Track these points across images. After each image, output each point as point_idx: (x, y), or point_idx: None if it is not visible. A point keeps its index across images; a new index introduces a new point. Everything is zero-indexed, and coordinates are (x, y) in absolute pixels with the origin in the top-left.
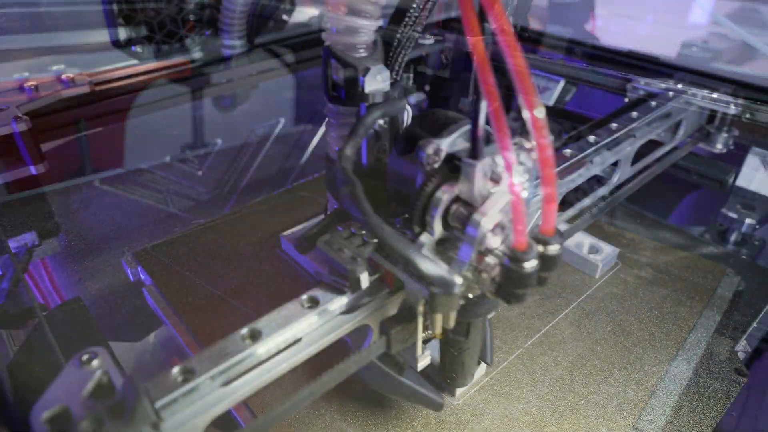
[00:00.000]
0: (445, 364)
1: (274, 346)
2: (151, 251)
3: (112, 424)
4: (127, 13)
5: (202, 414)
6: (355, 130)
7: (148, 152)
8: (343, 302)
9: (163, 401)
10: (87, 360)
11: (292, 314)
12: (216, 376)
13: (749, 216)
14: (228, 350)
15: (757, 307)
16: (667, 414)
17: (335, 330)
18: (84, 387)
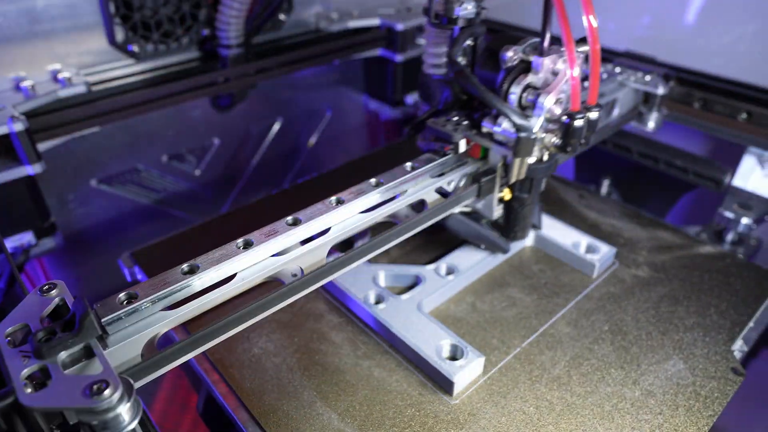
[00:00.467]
0: (508, 221)
1: (209, 278)
2: (148, 251)
3: (63, 335)
4: (125, 13)
5: (143, 331)
6: (456, 42)
7: (145, 152)
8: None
9: (108, 317)
10: (47, 289)
11: (227, 253)
12: (156, 300)
13: (746, 215)
14: (167, 280)
15: (753, 307)
16: (664, 413)
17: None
18: (43, 310)
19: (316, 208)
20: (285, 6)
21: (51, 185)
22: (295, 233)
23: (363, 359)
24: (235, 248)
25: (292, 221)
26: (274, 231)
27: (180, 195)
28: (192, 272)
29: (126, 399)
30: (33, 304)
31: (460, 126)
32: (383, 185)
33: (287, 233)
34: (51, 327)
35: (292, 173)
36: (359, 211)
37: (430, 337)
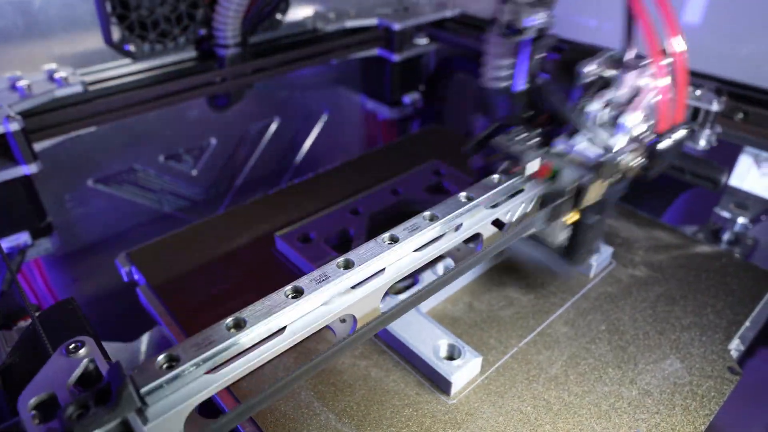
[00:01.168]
0: (574, 245)
1: (257, 335)
2: (144, 251)
3: (97, 410)
4: (121, 12)
5: (186, 400)
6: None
7: (142, 152)
8: (323, 294)
9: (147, 387)
10: (74, 349)
11: (275, 304)
12: (200, 363)
13: (742, 215)
14: (212, 338)
15: (750, 306)
16: (661, 412)
17: (319, 320)
18: (71, 375)
19: (368, 247)
20: (282, 6)
21: (47, 185)
22: (348, 277)
23: (360, 359)
24: (284, 297)
25: (344, 264)
26: (325, 276)
27: (177, 195)
28: (238, 327)
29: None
30: (58, 367)
31: (529, 144)
32: (438, 219)
33: (339, 278)
34: (83, 398)
35: (290, 173)
36: (414, 249)
37: (427, 337)
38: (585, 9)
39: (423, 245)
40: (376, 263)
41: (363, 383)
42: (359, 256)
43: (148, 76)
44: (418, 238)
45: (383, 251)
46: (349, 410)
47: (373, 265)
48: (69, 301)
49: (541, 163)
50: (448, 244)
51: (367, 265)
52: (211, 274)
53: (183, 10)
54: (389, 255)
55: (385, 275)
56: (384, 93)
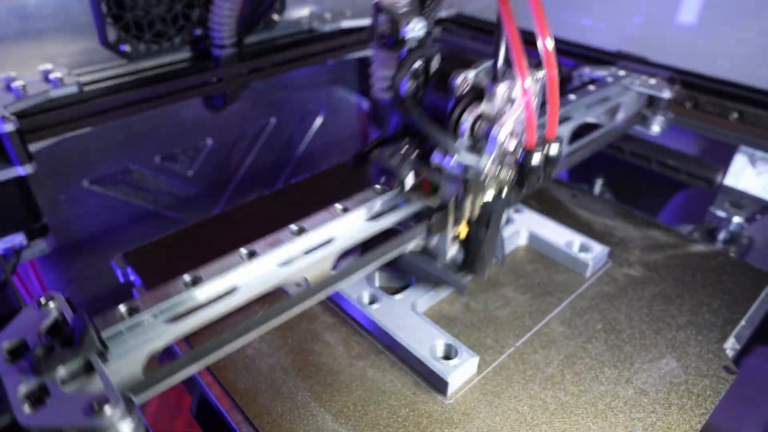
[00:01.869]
0: (467, 258)
1: (213, 291)
2: (141, 252)
3: (62, 351)
4: (116, 13)
5: (145, 346)
6: (401, 67)
7: (137, 152)
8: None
9: (108, 333)
10: (44, 302)
11: (230, 264)
12: (157, 314)
13: (737, 214)
14: (170, 293)
15: (745, 305)
16: (657, 411)
17: (272, 280)
18: (41, 324)
19: (321, 216)
20: (278, 6)
21: (43, 186)
22: (300, 242)
23: (357, 359)
24: (239, 258)
25: (297, 230)
26: (279, 240)
27: (173, 195)
28: (195, 283)
29: (127, 416)
30: (30, 317)
31: (409, 158)
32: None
33: (292, 243)
34: (50, 342)
35: (286, 173)
36: (365, 219)
37: (424, 337)
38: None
39: (374, 215)
40: (327, 230)
41: (360, 383)
42: (312, 224)
43: (144, 77)
44: (368, 207)
45: (334, 219)
46: (346, 411)
47: (325, 232)
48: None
49: (421, 177)
50: (398, 217)
51: (320, 231)
52: None
53: (178, 10)
54: (340, 223)
55: (336, 243)
56: None
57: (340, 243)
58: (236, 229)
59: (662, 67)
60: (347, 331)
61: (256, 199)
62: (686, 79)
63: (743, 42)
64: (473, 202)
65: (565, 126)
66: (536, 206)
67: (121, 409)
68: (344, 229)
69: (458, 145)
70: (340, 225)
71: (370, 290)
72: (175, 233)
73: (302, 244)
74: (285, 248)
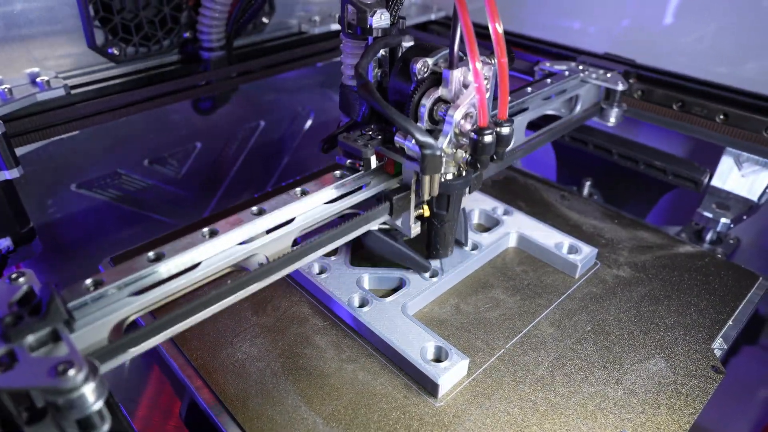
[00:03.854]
0: (430, 239)
1: (174, 266)
2: (129, 256)
3: (30, 319)
4: (104, 15)
5: (109, 315)
6: (365, 54)
7: (126, 155)
8: (239, 234)
9: (74, 303)
10: (15, 277)
11: (193, 242)
12: (122, 286)
13: (724, 215)
14: (135, 267)
15: (732, 305)
16: (646, 412)
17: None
18: (11, 297)
19: (281, 198)
20: (267, 8)
21: (30, 190)
22: (261, 222)
23: (347, 363)
24: (201, 236)
25: (257, 211)
26: (240, 220)
27: (162, 199)
28: (158, 259)
29: (91, 379)
30: (1, 291)
31: (373, 141)
32: (348, 176)
33: (252, 222)
34: (18, 312)
35: (275, 176)
36: (323, 202)
37: (414, 340)
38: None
39: (333, 198)
40: (286, 211)
41: (350, 387)
42: (272, 205)
43: (132, 80)
44: (327, 192)
45: (294, 201)
46: (337, 414)
47: (284, 213)
48: None
49: (385, 159)
50: (356, 198)
51: (279, 212)
52: None
53: (167, 13)
54: (299, 205)
55: (295, 223)
56: None
57: (298, 223)
58: None
59: (627, 63)
60: (337, 334)
61: (245, 201)
62: (673, 81)
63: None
64: (431, 181)
65: (522, 116)
66: (525, 208)
67: (85, 372)
68: (304, 210)
69: (411, 127)
70: (300, 206)
71: (361, 293)
72: (164, 237)
73: (262, 224)
74: (245, 228)
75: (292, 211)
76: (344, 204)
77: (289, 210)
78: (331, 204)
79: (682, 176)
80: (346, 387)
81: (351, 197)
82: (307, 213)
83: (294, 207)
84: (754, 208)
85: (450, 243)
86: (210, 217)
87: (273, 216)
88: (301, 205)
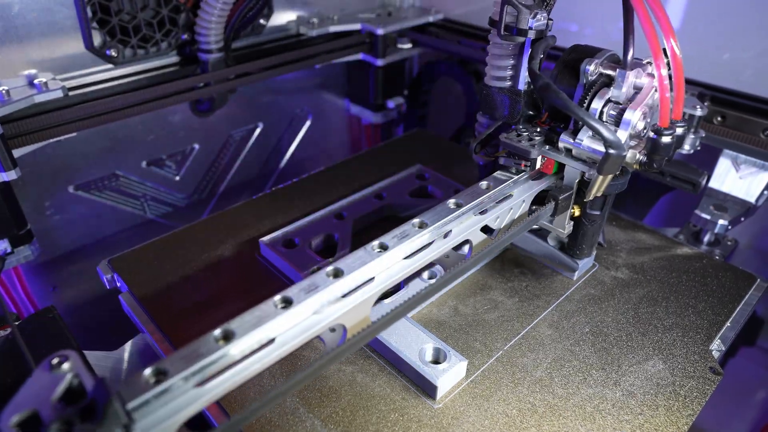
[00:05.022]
0: (576, 238)
1: (247, 346)
2: (127, 258)
3: (82, 426)
4: (102, 17)
5: (175, 415)
6: (533, 55)
7: (123, 157)
8: (313, 303)
9: (135, 402)
10: (57, 363)
11: (264, 314)
12: (189, 377)
13: (722, 217)
14: (200, 351)
15: (730, 307)
16: (644, 413)
17: (309, 329)
18: (54, 391)
19: (357, 255)
20: (265, 10)
21: (27, 192)
22: (338, 286)
23: (346, 364)
24: (273, 307)
25: (333, 272)
26: (314, 285)
27: (159, 201)
28: (227, 339)
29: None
30: (42, 383)
31: (534, 141)
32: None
33: (329, 287)
34: (67, 416)
35: (273, 178)
36: (404, 257)
37: (412, 341)
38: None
39: (412, 253)
40: (365, 271)
41: (349, 388)
42: (348, 265)
43: (130, 81)
44: (408, 245)
45: (372, 259)
46: (335, 416)
47: (363, 274)
48: (49, 310)
49: (544, 160)
50: (438, 251)
51: (357, 274)
52: (194, 280)
53: (165, 14)
54: (378, 263)
55: (375, 283)
56: (368, 97)
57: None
58: (224, 235)
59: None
60: None
61: (243, 203)
62: None
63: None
64: (603, 181)
65: None
66: None
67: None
68: (458, 227)
69: (602, 127)
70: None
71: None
72: (162, 239)
73: None
74: None
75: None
76: (494, 215)
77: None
78: (482, 216)
79: (679, 178)
80: (345, 388)
81: (498, 209)
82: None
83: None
84: (752, 209)
85: (595, 243)
86: (207, 220)
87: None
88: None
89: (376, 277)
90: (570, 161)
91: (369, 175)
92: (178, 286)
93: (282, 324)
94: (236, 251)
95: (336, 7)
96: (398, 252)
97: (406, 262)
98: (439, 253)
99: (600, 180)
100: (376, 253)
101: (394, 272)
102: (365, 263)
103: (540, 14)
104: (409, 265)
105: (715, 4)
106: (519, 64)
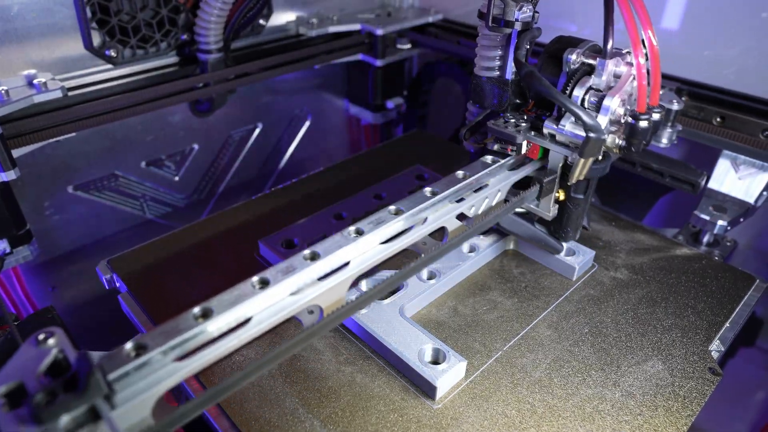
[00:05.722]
0: (561, 221)
1: (224, 324)
2: (126, 258)
3: (65, 396)
4: (101, 17)
5: (154, 387)
6: (519, 44)
7: (123, 158)
8: (290, 285)
9: (115, 374)
10: (44, 339)
11: (242, 294)
12: (167, 351)
13: (721, 218)
14: (180, 327)
15: (729, 307)
16: (644, 414)
17: (285, 309)
18: (40, 364)
19: (334, 240)
20: (265, 11)
21: (26, 192)
22: (314, 269)
23: (345, 365)
24: (251, 288)
25: (310, 255)
26: (292, 267)
27: (159, 201)
28: (205, 316)
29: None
30: (28, 356)
31: (520, 127)
32: (403, 213)
33: (305, 270)
34: (51, 387)
35: (273, 178)
36: (380, 242)
37: (412, 342)
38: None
39: (388, 238)
40: (341, 255)
41: (348, 389)
42: (325, 249)
43: (129, 82)
44: (383, 230)
45: (348, 243)
46: (335, 416)
47: (339, 257)
48: (48, 310)
49: (530, 145)
50: (413, 238)
51: (333, 257)
52: (193, 280)
53: (164, 15)
54: (354, 247)
55: (350, 267)
56: (367, 98)
57: None
58: (223, 235)
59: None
60: (335, 336)
61: (243, 203)
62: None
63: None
64: (584, 164)
65: None
66: None
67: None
68: (434, 214)
69: (582, 112)
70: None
71: (358, 295)
72: (161, 239)
73: None
74: None
75: None
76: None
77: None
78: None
79: (678, 179)
80: (344, 389)
81: (474, 197)
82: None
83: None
84: (751, 210)
85: (579, 226)
86: (207, 220)
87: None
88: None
89: (352, 261)
90: (554, 146)
91: (368, 175)
92: (178, 287)
93: (259, 303)
94: (235, 251)
95: (335, 7)
96: (374, 237)
97: (382, 246)
98: (415, 239)
99: (582, 163)
100: (353, 237)
101: (370, 256)
102: (341, 247)
103: (526, 6)
104: (384, 250)
105: (695, 2)
106: (506, 54)
